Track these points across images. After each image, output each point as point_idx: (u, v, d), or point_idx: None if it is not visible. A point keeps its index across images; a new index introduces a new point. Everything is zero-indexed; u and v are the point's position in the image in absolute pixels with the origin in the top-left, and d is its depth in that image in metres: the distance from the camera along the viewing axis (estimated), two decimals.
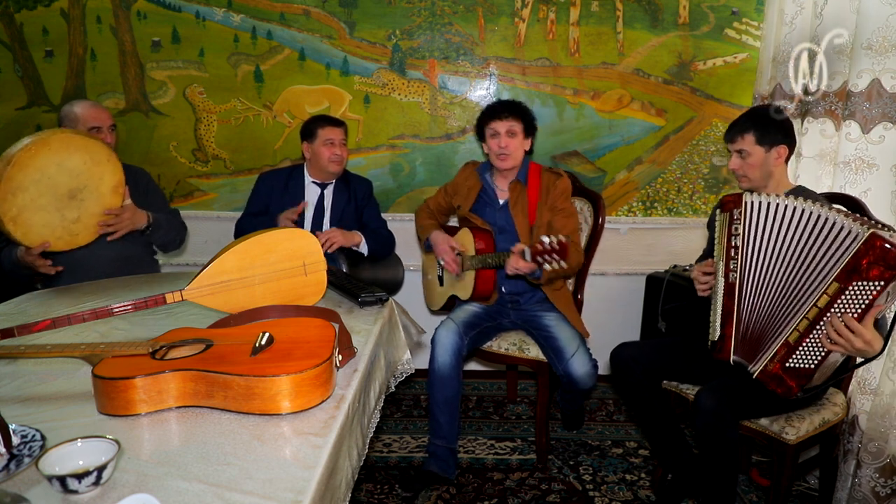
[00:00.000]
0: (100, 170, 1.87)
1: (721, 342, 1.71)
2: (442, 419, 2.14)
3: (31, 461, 0.85)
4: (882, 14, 1.85)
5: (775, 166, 1.77)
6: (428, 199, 2.52)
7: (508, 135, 2.20)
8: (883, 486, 1.83)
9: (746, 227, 1.65)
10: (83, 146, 1.82)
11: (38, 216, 1.78)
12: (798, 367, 1.54)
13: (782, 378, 1.56)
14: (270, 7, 2.78)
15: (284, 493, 0.81)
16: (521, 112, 2.23)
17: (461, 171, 2.44)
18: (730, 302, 1.69)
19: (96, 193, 1.89)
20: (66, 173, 1.80)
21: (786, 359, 1.55)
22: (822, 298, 1.48)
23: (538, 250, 1.88)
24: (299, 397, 1.02)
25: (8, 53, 2.83)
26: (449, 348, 2.12)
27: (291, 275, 1.54)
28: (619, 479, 2.25)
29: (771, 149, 1.74)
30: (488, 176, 2.34)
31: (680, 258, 2.88)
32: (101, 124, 2.10)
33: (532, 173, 2.29)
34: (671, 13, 2.75)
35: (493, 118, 2.22)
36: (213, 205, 2.98)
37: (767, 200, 1.61)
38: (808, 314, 1.51)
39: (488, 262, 2.17)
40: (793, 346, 1.54)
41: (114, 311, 1.32)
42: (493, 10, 2.77)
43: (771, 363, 1.58)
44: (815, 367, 1.51)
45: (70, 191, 1.83)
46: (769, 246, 1.62)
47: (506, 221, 2.29)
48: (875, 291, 1.39)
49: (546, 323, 2.24)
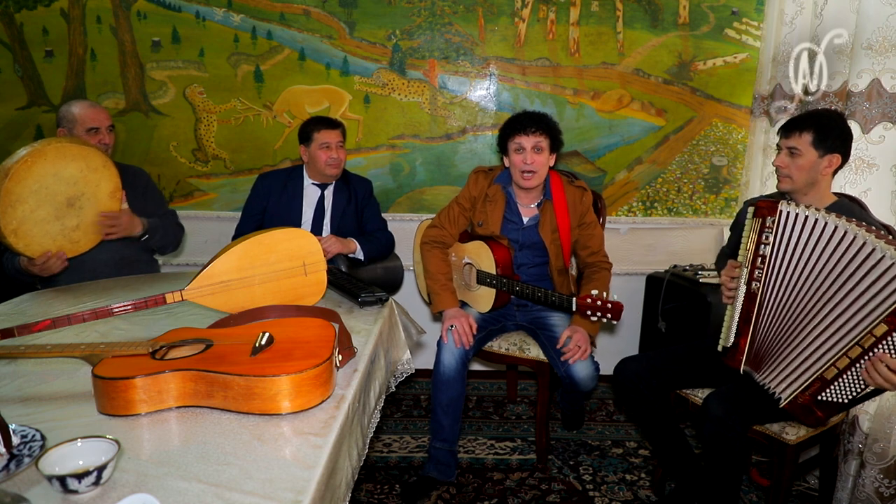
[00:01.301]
0: (96, 176, 1.87)
1: (733, 350, 1.69)
2: (445, 421, 2.13)
3: (31, 461, 0.85)
4: (882, 14, 1.85)
5: (823, 175, 1.67)
6: (442, 226, 2.24)
7: (535, 150, 2.05)
8: (887, 487, 1.83)
9: (778, 237, 1.57)
10: (79, 154, 1.82)
11: (39, 227, 1.79)
12: (830, 401, 1.49)
13: (812, 409, 1.52)
14: (270, 7, 2.78)
15: (284, 493, 0.81)
16: (548, 126, 2.08)
17: (473, 180, 2.23)
18: (749, 311, 1.64)
19: (94, 200, 1.89)
20: (63, 182, 1.80)
21: (818, 393, 1.50)
22: (866, 339, 1.39)
23: (587, 305, 1.89)
24: (299, 397, 1.02)
25: (8, 53, 2.83)
26: (454, 351, 2.10)
27: (291, 275, 1.54)
28: (619, 479, 2.25)
29: (825, 155, 1.65)
30: (512, 191, 2.19)
31: (680, 258, 2.88)
32: (99, 125, 2.09)
33: (555, 187, 2.16)
34: (671, 13, 2.75)
35: (518, 132, 2.06)
36: (213, 205, 2.98)
37: (805, 213, 1.52)
38: (849, 352, 1.43)
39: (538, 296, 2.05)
40: (828, 381, 1.48)
41: (114, 311, 1.32)
42: (493, 10, 2.77)
43: (801, 395, 1.53)
44: (849, 403, 1.48)
45: (68, 199, 1.83)
46: (800, 262, 1.53)
47: (528, 238, 2.20)
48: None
49: (551, 323, 2.22)
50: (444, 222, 2.26)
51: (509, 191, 2.20)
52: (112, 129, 2.16)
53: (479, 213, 2.23)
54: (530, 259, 2.23)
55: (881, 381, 1.38)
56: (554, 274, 2.24)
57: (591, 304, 1.89)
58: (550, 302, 2.02)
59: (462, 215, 2.25)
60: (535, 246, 2.21)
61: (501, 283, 2.11)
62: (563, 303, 1.97)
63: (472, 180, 2.24)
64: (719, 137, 2.86)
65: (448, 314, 2.13)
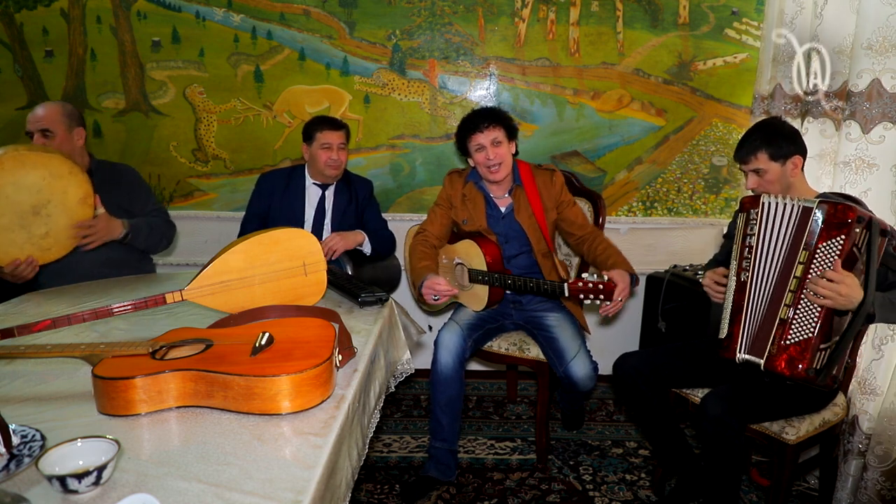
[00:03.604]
0: (62, 183, 1.83)
1: (728, 340, 1.71)
2: (444, 421, 2.14)
3: (31, 461, 0.85)
4: (882, 14, 1.85)
5: (793, 177, 1.75)
6: (424, 229, 2.30)
7: (494, 144, 2.12)
8: (889, 490, 1.83)
9: (761, 226, 1.67)
10: (39, 162, 1.78)
11: (3, 235, 1.76)
12: (799, 339, 1.57)
13: (791, 358, 1.57)
14: (270, 7, 2.78)
15: (284, 493, 0.81)
16: (499, 118, 2.15)
17: (448, 182, 2.32)
18: (739, 300, 1.70)
19: (62, 207, 1.85)
20: (24, 191, 1.76)
21: (783, 336, 1.59)
22: (798, 268, 1.58)
23: (580, 288, 1.89)
24: (299, 397, 1.02)
25: (8, 53, 2.83)
26: (452, 350, 2.11)
27: (291, 275, 1.54)
28: (619, 479, 2.25)
29: (786, 162, 1.73)
30: (484, 185, 2.26)
31: (680, 258, 2.88)
32: (31, 128, 2.04)
33: (524, 173, 2.24)
34: (671, 13, 2.75)
35: (473, 132, 2.13)
36: (213, 205, 2.98)
37: (783, 202, 1.64)
38: (791, 287, 1.59)
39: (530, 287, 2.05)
40: (786, 321, 1.59)
41: (114, 311, 1.32)
42: (493, 10, 2.77)
43: (773, 347, 1.61)
44: (815, 334, 1.54)
45: (33, 207, 1.79)
46: (774, 245, 1.65)
47: (509, 229, 2.26)
48: (840, 245, 1.51)
49: (548, 323, 2.23)
50: (426, 226, 2.32)
51: (482, 185, 2.27)
52: (47, 133, 2.04)
53: (461, 212, 2.29)
54: (517, 249, 2.26)
55: (827, 293, 1.51)
56: (539, 258, 2.26)
57: (583, 287, 1.90)
58: (542, 290, 2.03)
59: (444, 215, 2.31)
60: (518, 234, 2.25)
61: (493, 278, 2.13)
62: (554, 289, 1.99)
63: (447, 182, 2.34)
64: (719, 137, 2.86)
65: (425, 284, 2.06)
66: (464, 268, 2.26)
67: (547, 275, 2.24)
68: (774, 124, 1.78)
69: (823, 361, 1.56)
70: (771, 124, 1.79)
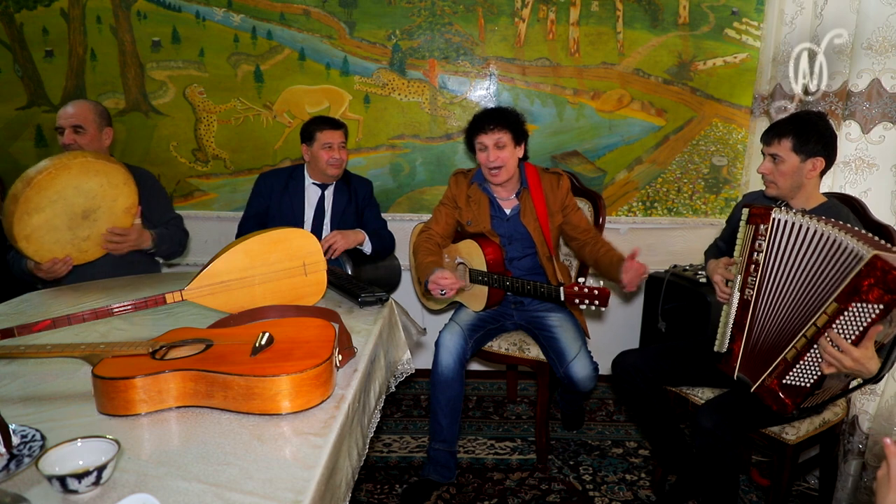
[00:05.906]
0: (115, 192, 1.92)
1: (727, 356, 1.70)
2: (444, 422, 2.14)
3: (31, 461, 0.85)
4: (882, 14, 1.85)
5: (808, 178, 1.68)
6: (429, 227, 2.30)
7: (497, 147, 2.10)
8: None
9: (770, 244, 1.58)
10: (102, 170, 1.86)
11: (51, 234, 1.83)
12: (794, 384, 1.51)
13: (778, 395, 1.53)
14: (270, 7, 2.78)
15: (284, 493, 0.81)
16: (507, 121, 2.11)
17: (453, 182, 2.31)
18: (742, 318, 1.66)
19: (109, 213, 1.94)
20: (82, 195, 1.85)
21: (783, 375, 1.53)
22: (821, 318, 1.43)
23: (575, 293, 1.89)
24: (299, 397, 1.02)
25: (8, 53, 2.83)
26: (453, 351, 2.11)
27: (291, 275, 1.54)
28: (619, 479, 2.25)
29: (807, 159, 1.65)
30: (489, 187, 2.24)
31: (680, 258, 2.88)
32: (62, 124, 2.09)
33: (531, 177, 2.23)
34: (671, 13, 2.75)
35: (478, 132, 2.12)
36: (213, 205, 2.98)
37: (794, 220, 1.54)
38: (806, 333, 1.47)
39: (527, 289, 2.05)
40: (790, 363, 1.51)
41: (114, 311, 1.32)
42: (493, 10, 2.77)
43: (769, 378, 1.56)
44: (811, 387, 1.48)
45: (84, 211, 1.88)
46: (786, 267, 1.55)
47: (514, 231, 2.24)
48: (874, 314, 1.32)
49: (550, 324, 2.23)
50: (431, 224, 2.33)
51: (487, 188, 2.25)
52: (79, 129, 2.08)
53: (465, 213, 2.28)
54: (521, 251, 2.25)
55: (830, 360, 1.39)
56: (543, 261, 2.25)
57: (577, 292, 1.89)
58: (540, 293, 2.03)
59: (448, 215, 2.31)
60: (523, 237, 2.24)
61: (493, 279, 2.13)
62: (551, 293, 1.99)
63: (452, 182, 2.33)
64: (719, 137, 2.86)
65: (431, 279, 2.06)
66: (465, 267, 2.26)
67: (550, 277, 2.24)
68: (813, 119, 1.68)
69: (808, 403, 1.54)
70: (810, 118, 1.69)
